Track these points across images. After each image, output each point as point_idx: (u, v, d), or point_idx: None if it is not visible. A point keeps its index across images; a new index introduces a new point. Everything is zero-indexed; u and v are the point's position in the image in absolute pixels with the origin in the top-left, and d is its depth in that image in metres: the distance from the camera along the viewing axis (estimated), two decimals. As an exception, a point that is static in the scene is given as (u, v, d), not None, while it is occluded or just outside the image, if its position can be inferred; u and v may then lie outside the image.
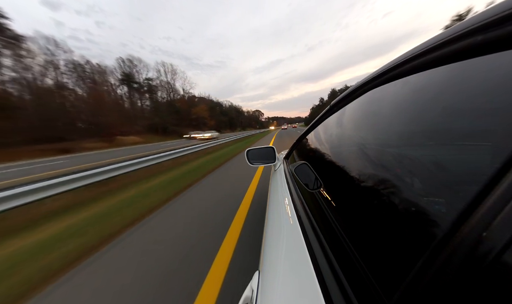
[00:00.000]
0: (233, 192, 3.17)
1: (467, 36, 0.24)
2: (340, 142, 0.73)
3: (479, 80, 0.25)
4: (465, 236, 0.18)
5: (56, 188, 3.24)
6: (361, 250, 0.34)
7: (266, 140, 14.80)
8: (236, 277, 1.38)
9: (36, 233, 2.28)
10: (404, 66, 0.38)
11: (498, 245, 0.15)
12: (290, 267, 0.44)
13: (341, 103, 0.72)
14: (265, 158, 1.37)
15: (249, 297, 0.49)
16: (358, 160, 0.54)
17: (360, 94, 0.59)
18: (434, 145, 0.33)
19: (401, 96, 0.42)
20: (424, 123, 0.35)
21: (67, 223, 2.48)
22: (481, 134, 0.25)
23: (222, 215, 2.37)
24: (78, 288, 1.45)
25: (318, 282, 0.34)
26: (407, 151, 0.39)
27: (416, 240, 0.26)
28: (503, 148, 0.19)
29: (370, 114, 0.57)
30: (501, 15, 0.20)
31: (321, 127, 0.95)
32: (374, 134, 0.53)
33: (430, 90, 0.33)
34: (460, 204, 0.20)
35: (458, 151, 0.28)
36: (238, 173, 4.52)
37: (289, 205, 0.70)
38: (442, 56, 0.29)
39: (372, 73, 0.51)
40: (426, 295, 0.19)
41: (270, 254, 0.55)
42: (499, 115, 0.22)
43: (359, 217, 0.42)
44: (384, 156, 0.45)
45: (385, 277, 0.27)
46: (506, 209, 0.16)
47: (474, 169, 0.25)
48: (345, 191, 0.54)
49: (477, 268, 0.16)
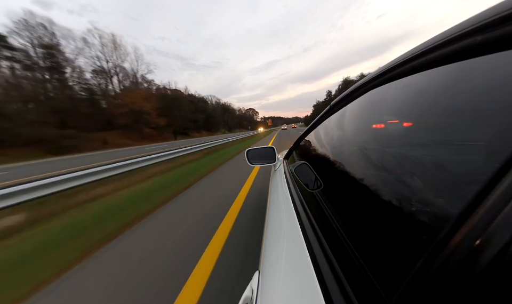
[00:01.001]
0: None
1: (467, 35, 0.24)
2: (340, 142, 0.74)
3: (479, 80, 0.25)
4: (465, 236, 0.18)
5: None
6: (361, 250, 0.34)
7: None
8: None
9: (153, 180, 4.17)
10: (404, 66, 0.38)
11: (498, 245, 0.15)
12: (290, 267, 0.44)
13: (341, 103, 0.72)
14: (265, 158, 1.37)
15: (249, 297, 0.49)
16: (358, 160, 0.54)
17: (360, 94, 0.59)
18: (434, 145, 0.33)
19: (401, 96, 0.42)
20: (424, 123, 0.35)
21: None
22: (481, 134, 0.25)
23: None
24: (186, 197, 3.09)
25: (318, 282, 0.34)
26: (407, 151, 0.39)
27: (416, 240, 0.26)
28: (503, 148, 0.19)
29: (370, 114, 0.57)
30: (501, 15, 0.20)
31: (321, 127, 0.95)
32: (374, 134, 0.53)
33: (430, 90, 0.34)
34: (460, 204, 0.20)
35: (458, 151, 0.28)
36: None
37: (289, 205, 0.70)
38: (442, 56, 0.29)
39: (372, 73, 0.51)
40: (426, 295, 0.19)
41: (270, 254, 0.55)
42: (499, 115, 0.22)
43: (359, 217, 0.42)
44: (384, 156, 0.45)
45: (385, 276, 0.27)
46: (506, 209, 0.16)
47: (474, 169, 0.25)
48: (345, 191, 0.54)
49: (477, 268, 0.16)
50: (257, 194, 2.96)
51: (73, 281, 1.50)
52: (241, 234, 1.88)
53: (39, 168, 10.24)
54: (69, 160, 14.80)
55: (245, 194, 3.00)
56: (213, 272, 1.40)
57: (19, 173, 8.89)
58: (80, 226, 2.31)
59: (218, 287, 1.28)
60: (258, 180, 3.70)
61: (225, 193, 3.16)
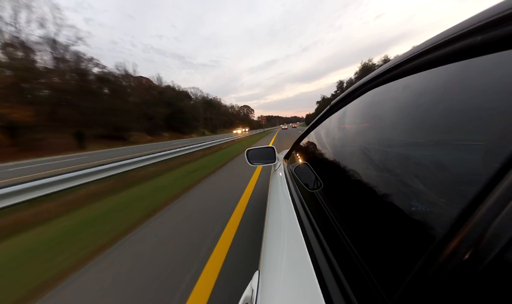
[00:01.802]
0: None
1: (467, 35, 0.24)
2: (340, 141, 0.73)
3: (479, 80, 0.25)
4: (465, 236, 0.18)
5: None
6: (361, 250, 0.34)
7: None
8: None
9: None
10: (404, 66, 0.38)
11: (499, 245, 0.15)
12: (290, 267, 0.44)
13: (341, 103, 0.72)
14: (265, 158, 1.38)
15: (249, 297, 0.49)
16: (358, 160, 0.54)
17: (360, 94, 0.59)
18: (434, 145, 0.33)
19: (401, 96, 0.42)
20: (424, 123, 0.35)
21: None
22: (481, 134, 0.25)
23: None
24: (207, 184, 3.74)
25: (318, 282, 0.34)
26: (407, 151, 0.39)
27: (416, 240, 0.26)
28: (503, 148, 0.19)
29: (370, 114, 0.57)
30: (501, 15, 0.20)
31: (321, 127, 0.95)
32: (374, 133, 0.53)
33: (430, 90, 0.33)
34: (460, 204, 0.20)
35: (458, 151, 0.28)
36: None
37: (289, 205, 0.70)
38: (442, 56, 0.29)
39: (372, 73, 0.51)
40: (426, 296, 0.19)
41: (270, 254, 0.55)
42: (499, 115, 0.22)
43: (359, 217, 0.42)
44: (384, 156, 0.45)
45: (385, 277, 0.27)
46: (506, 209, 0.16)
47: (474, 169, 0.25)
48: (345, 191, 0.54)
49: (477, 268, 0.16)
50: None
51: (189, 195, 3.36)
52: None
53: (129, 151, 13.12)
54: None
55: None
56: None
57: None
58: (173, 180, 4.39)
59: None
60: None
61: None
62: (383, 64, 0.46)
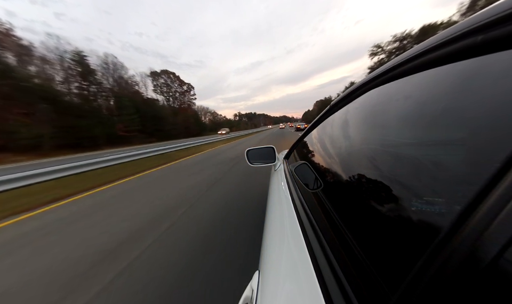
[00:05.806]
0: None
1: (467, 35, 0.24)
2: (340, 142, 0.73)
3: (479, 80, 0.25)
4: (465, 236, 0.18)
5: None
6: (361, 250, 0.34)
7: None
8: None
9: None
10: (404, 66, 0.38)
11: (499, 244, 0.15)
12: (290, 267, 0.44)
13: (341, 103, 0.72)
14: (265, 158, 1.37)
15: (249, 297, 0.49)
16: (358, 160, 0.54)
17: (360, 94, 0.59)
18: (434, 145, 0.33)
19: (401, 96, 0.42)
20: (424, 123, 0.35)
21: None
22: (481, 134, 0.25)
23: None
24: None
25: (318, 282, 0.34)
26: (407, 151, 0.39)
27: (416, 240, 0.26)
28: (503, 148, 0.19)
29: (370, 114, 0.57)
30: (501, 15, 0.20)
31: (321, 127, 0.95)
32: (373, 133, 0.53)
33: (430, 90, 0.33)
34: (460, 204, 0.20)
35: (458, 151, 0.28)
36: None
37: (289, 205, 0.70)
38: (442, 56, 0.29)
39: (372, 73, 0.51)
40: (426, 296, 0.19)
41: (270, 254, 0.55)
42: (499, 115, 0.22)
43: (359, 217, 0.42)
44: (384, 156, 0.45)
45: (385, 277, 0.27)
46: (506, 209, 0.16)
47: (474, 169, 0.25)
48: (345, 191, 0.54)
49: (477, 268, 0.16)
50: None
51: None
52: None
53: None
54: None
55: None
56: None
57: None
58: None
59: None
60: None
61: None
62: (383, 65, 0.46)
